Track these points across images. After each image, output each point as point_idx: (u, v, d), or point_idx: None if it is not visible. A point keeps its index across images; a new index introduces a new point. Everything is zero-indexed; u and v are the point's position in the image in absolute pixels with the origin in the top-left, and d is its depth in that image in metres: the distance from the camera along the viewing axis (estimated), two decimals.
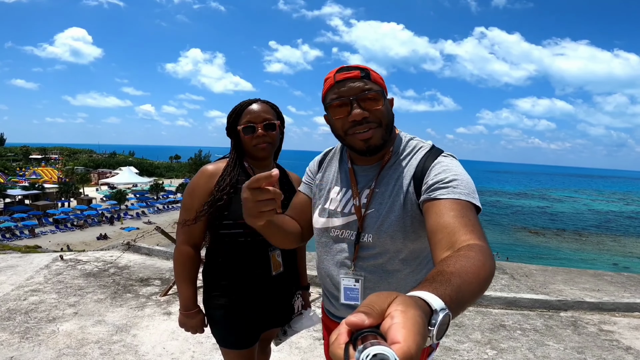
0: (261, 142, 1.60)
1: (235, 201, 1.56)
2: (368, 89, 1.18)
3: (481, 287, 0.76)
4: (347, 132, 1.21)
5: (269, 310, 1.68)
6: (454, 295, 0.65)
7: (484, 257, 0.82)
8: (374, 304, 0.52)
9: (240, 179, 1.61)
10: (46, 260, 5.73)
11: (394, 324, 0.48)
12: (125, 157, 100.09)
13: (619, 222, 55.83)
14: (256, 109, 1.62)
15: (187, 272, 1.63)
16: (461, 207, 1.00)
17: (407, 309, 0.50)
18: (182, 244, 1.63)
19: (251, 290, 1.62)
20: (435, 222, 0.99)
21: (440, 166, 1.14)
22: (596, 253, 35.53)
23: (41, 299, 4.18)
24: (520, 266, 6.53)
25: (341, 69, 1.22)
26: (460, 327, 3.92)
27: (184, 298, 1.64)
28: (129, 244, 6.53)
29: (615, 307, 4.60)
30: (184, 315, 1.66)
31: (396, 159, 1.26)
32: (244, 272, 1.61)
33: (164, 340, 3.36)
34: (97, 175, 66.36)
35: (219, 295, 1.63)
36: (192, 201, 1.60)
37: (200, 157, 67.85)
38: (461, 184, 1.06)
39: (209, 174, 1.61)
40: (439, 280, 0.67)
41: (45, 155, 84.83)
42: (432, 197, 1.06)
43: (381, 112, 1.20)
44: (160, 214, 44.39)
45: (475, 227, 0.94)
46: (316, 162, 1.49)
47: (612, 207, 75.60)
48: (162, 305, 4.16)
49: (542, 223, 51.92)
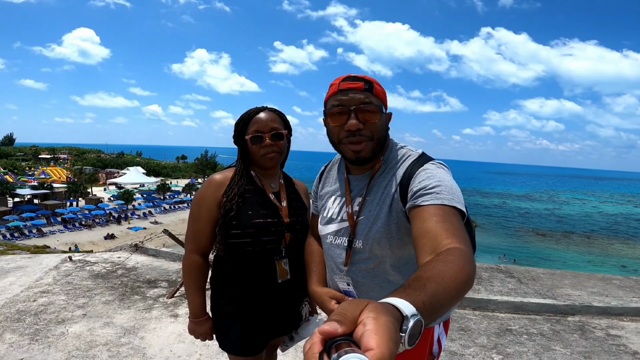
0: (269, 152, 1.61)
1: (243, 210, 1.57)
2: (368, 102, 1.22)
3: (459, 291, 0.77)
4: (341, 141, 1.26)
5: (277, 318, 1.69)
6: (427, 300, 0.65)
7: (462, 261, 0.83)
8: (346, 311, 0.53)
9: (247, 188, 1.62)
10: (55, 261, 5.80)
11: (366, 331, 0.49)
12: (133, 157, 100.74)
13: (627, 225, 55.21)
14: (264, 117, 1.62)
15: (196, 281, 1.65)
16: (444, 213, 1.01)
17: (378, 315, 0.52)
18: (190, 252, 1.64)
19: (258, 298, 1.63)
20: (419, 227, 1.02)
21: (425, 173, 1.17)
22: (604, 256, 35.18)
23: (50, 300, 4.23)
24: (527, 270, 6.48)
25: (348, 77, 1.26)
26: (466, 332, 3.91)
27: (194, 306, 1.66)
28: (137, 246, 6.58)
29: (624, 312, 4.56)
30: (194, 322, 1.68)
31: (385, 167, 1.30)
32: (251, 281, 1.62)
33: (171, 343, 3.39)
34: (105, 175, 66.82)
35: (225, 303, 1.65)
36: (200, 211, 1.61)
37: (206, 158, 68.07)
38: (444, 190, 1.07)
39: (216, 184, 1.62)
40: (413, 287, 0.69)
41: (54, 155, 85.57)
42: (417, 203, 1.09)
43: (375, 127, 1.24)
44: (167, 214, 44.64)
45: (458, 231, 0.96)
46: (317, 179, 1.57)
47: (620, 209, 74.82)
48: (169, 307, 4.20)
49: (550, 225, 51.50)
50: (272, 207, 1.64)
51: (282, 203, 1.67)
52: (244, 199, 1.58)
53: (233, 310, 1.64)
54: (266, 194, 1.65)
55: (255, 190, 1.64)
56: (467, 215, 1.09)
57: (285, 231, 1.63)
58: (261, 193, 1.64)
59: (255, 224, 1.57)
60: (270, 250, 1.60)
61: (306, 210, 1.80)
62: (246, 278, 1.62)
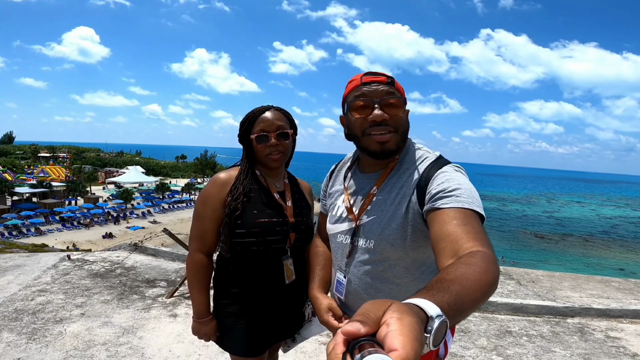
0: (274, 152, 1.59)
1: (247, 210, 1.56)
2: (392, 93, 1.22)
3: (483, 294, 0.76)
4: (365, 132, 1.24)
5: (281, 318, 1.67)
6: (451, 302, 0.65)
7: (486, 264, 0.81)
8: (369, 312, 0.52)
9: (252, 187, 1.61)
10: (53, 260, 5.78)
11: (390, 331, 0.48)
12: (132, 157, 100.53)
13: (626, 228, 55.27)
14: (270, 117, 1.60)
15: (200, 280, 1.63)
16: (464, 216, 1.00)
17: (402, 316, 0.51)
18: (195, 251, 1.62)
19: (264, 299, 1.62)
20: (438, 230, 0.99)
21: (443, 176, 1.15)
22: (603, 258, 35.20)
23: (48, 299, 4.21)
24: (526, 272, 6.48)
25: (369, 72, 1.27)
26: (466, 333, 3.90)
27: (197, 305, 1.64)
28: (136, 245, 6.56)
29: (623, 314, 4.56)
30: (198, 322, 1.66)
31: (400, 167, 1.29)
32: (257, 281, 1.60)
33: (170, 343, 3.37)
34: (104, 174, 66.74)
35: (229, 302, 1.63)
36: (205, 209, 1.60)
37: (206, 157, 67.98)
38: (464, 193, 1.06)
39: (221, 183, 1.61)
40: (437, 288, 0.68)
41: (53, 153, 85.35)
42: (436, 206, 1.07)
43: (400, 119, 1.24)
44: (166, 214, 44.58)
45: (479, 234, 0.94)
46: (327, 177, 1.56)
47: (619, 212, 74.91)
48: (168, 307, 4.18)
49: (549, 228, 51.53)
50: (277, 207, 1.62)
51: (287, 202, 1.66)
52: (249, 198, 1.57)
53: (238, 310, 1.62)
54: (271, 193, 1.64)
55: (260, 190, 1.62)
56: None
57: (290, 231, 1.62)
58: (266, 192, 1.63)
59: (260, 223, 1.56)
60: (276, 250, 1.59)
61: (310, 210, 1.79)
62: (252, 278, 1.60)
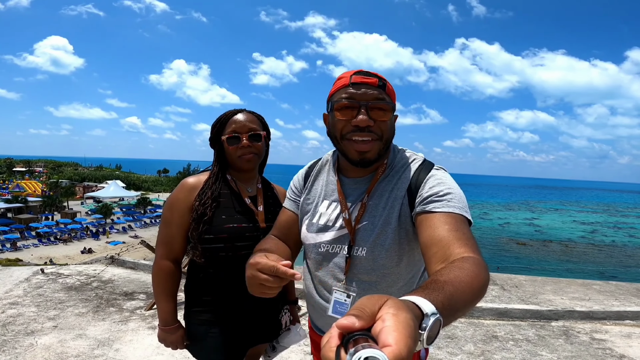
0: (246, 153, 1.55)
1: (216, 215, 1.51)
2: (381, 98, 1.15)
3: (474, 297, 0.78)
4: (345, 136, 1.17)
5: (254, 326, 1.61)
6: (446, 302, 0.65)
7: (477, 269, 0.83)
8: (365, 306, 0.52)
9: (222, 192, 1.56)
10: (26, 274, 5.56)
11: (385, 327, 0.49)
12: (112, 171, 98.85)
13: (603, 233, 56.64)
14: (241, 118, 1.57)
15: (165, 287, 1.57)
16: (455, 221, 1.00)
17: (398, 312, 0.51)
18: (161, 258, 1.56)
19: (234, 306, 1.56)
20: (429, 235, 0.99)
21: (434, 179, 1.14)
22: (583, 263, 35.90)
23: (19, 312, 4.02)
24: (509, 277, 6.51)
25: (359, 72, 1.19)
26: (453, 339, 3.87)
27: (163, 313, 1.58)
28: (113, 258, 6.37)
29: (606, 316, 4.60)
30: (164, 330, 1.59)
31: (390, 171, 1.23)
32: (226, 287, 1.54)
33: (149, 355, 3.24)
34: (82, 188, 65.38)
35: (201, 310, 1.57)
36: (172, 215, 1.55)
37: (188, 171, 67.52)
38: (455, 198, 1.06)
39: (189, 187, 1.56)
40: (432, 287, 0.69)
41: (29, 167, 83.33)
42: (427, 210, 1.06)
43: (386, 125, 1.17)
44: (148, 228, 43.75)
45: (470, 240, 0.95)
46: (301, 176, 1.43)
47: (596, 218, 76.77)
48: (147, 319, 4.03)
49: (529, 235, 52.42)
50: (248, 212, 1.57)
51: (258, 207, 1.61)
52: (218, 203, 1.53)
53: (210, 317, 1.56)
54: (242, 198, 1.59)
55: (230, 194, 1.58)
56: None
57: (260, 236, 1.53)
58: (237, 197, 1.58)
59: (228, 228, 1.51)
60: (244, 256, 1.52)
61: None
62: (222, 285, 1.54)
